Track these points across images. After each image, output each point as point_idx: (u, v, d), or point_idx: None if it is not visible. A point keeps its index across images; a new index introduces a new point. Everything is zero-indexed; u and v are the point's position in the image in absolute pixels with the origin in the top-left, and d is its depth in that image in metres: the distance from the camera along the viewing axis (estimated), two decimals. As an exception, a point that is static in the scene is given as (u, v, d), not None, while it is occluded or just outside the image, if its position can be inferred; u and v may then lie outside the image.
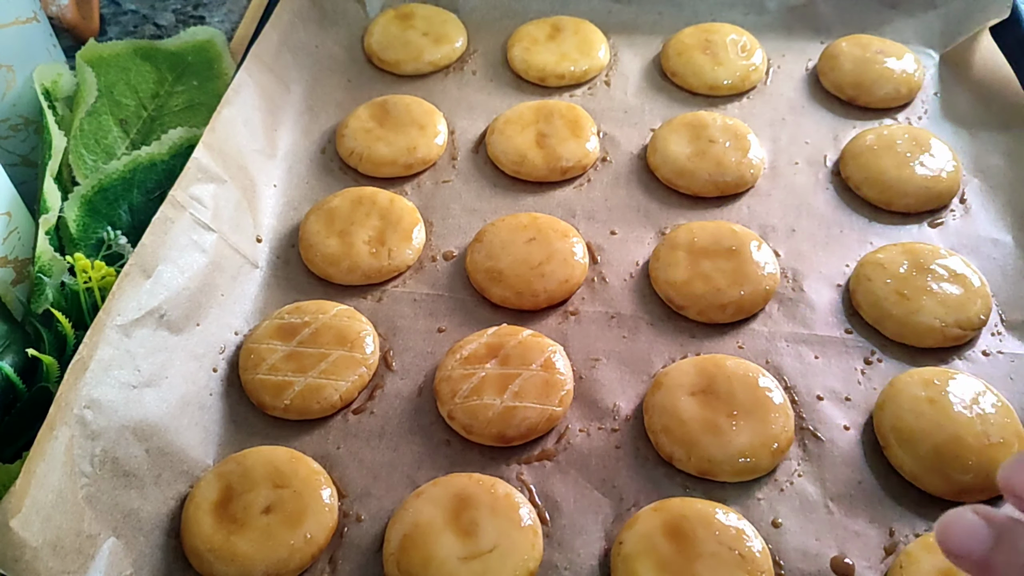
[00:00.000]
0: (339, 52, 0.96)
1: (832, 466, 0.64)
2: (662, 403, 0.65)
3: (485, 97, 0.93)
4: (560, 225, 0.77)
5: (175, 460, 0.63)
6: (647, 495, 0.62)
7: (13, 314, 0.70)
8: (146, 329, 0.63)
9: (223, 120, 0.78)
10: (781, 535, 0.60)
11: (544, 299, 0.73)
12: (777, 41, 0.97)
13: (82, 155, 0.81)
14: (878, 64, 0.90)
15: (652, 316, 0.73)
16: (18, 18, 0.83)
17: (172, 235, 0.68)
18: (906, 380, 0.66)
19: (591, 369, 0.70)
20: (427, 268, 0.78)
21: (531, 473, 0.64)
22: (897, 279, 0.71)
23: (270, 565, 0.58)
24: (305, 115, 0.90)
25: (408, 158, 0.84)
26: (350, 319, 0.71)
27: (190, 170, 0.72)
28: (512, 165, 0.84)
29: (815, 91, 0.92)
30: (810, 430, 0.66)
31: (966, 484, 0.60)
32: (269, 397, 0.67)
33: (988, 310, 0.70)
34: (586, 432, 0.66)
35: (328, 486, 0.62)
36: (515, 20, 0.99)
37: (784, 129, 0.88)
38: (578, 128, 0.86)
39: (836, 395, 0.68)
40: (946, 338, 0.69)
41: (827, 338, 0.71)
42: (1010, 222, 0.78)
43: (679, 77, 0.93)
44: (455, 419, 0.65)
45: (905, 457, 0.62)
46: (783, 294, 0.74)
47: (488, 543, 0.58)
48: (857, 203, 0.81)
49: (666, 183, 0.83)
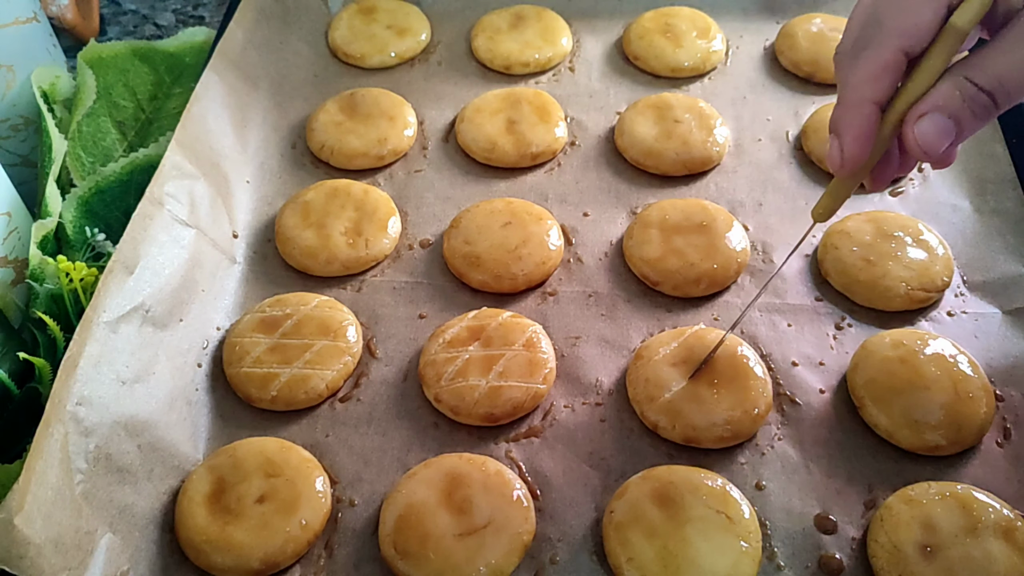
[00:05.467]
0: (304, 48, 0.96)
1: (810, 428, 0.66)
2: (644, 375, 0.66)
3: (452, 87, 0.94)
4: (534, 209, 0.79)
5: (166, 455, 0.63)
6: (634, 465, 0.64)
7: (10, 320, 0.70)
8: (132, 326, 0.64)
9: (193, 118, 0.78)
10: (765, 496, 0.62)
11: (522, 281, 0.74)
12: (735, 22, 0.99)
13: (80, 157, 0.80)
14: (833, 41, 0.92)
15: (628, 293, 0.75)
16: (18, 18, 0.82)
17: (151, 232, 0.68)
18: (877, 342, 0.68)
19: (572, 347, 0.71)
20: (404, 256, 0.79)
21: (519, 450, 0.65)
22: (863, 247, 0.74)
23: (267, 553, 0.59)
24: (274, 111, 0.90)
25: (379, 149, 0.85)
26: (331, 309, 0.72)
27: (165, 167, 0.72)
28: (483, 152, 0.85)
29: (773, 69, 0.94)
30: (787, 395, 0.68)
31: (939, 438, 0.63)
32: (255, 390, 0.67)
33: (950, 273, 0.73)
34: (571, 408, 0.68)
35: (320, 473, 0.63)
36: (477, 11, 1.00)
37: (746, 107, 0.90)
38: (546, 114, 0.87)
39: (810, 360, 0.70)
40: (912, 301, 0.71)
41: (799, 306, 0.73)
42: (967, 188, 0.81)
43: (641, 60, 0.94)
44: (442, 401, 0.66)
45: (880, 416, 0.64)
46: (754, 266, 0.76)
47: (482, 519, 0.59)
48: (820, 176, 0.83)
49: (635, 164, 0.84)
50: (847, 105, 0.52)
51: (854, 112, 0.51)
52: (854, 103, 0.51)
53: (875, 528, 0.59)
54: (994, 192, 0.79)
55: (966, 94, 0.48)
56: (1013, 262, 0.74)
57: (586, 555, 0.60)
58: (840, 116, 0.52)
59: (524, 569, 0.59)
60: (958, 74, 0.48)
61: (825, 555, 0.59)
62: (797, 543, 0.60)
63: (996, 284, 0.74)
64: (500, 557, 0.58)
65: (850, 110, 0.51)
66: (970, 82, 0.48)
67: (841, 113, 0.52)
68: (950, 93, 0.48)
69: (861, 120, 0.51)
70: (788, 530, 0.61)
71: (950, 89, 0.48)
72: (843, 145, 0.52)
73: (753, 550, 0.58)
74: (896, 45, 0.49)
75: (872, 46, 0.50)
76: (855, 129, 0.51)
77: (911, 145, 0.50)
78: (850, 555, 0.59)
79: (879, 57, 0.50)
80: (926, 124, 0.49)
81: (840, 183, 0.56)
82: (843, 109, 0.52)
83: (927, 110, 0.49)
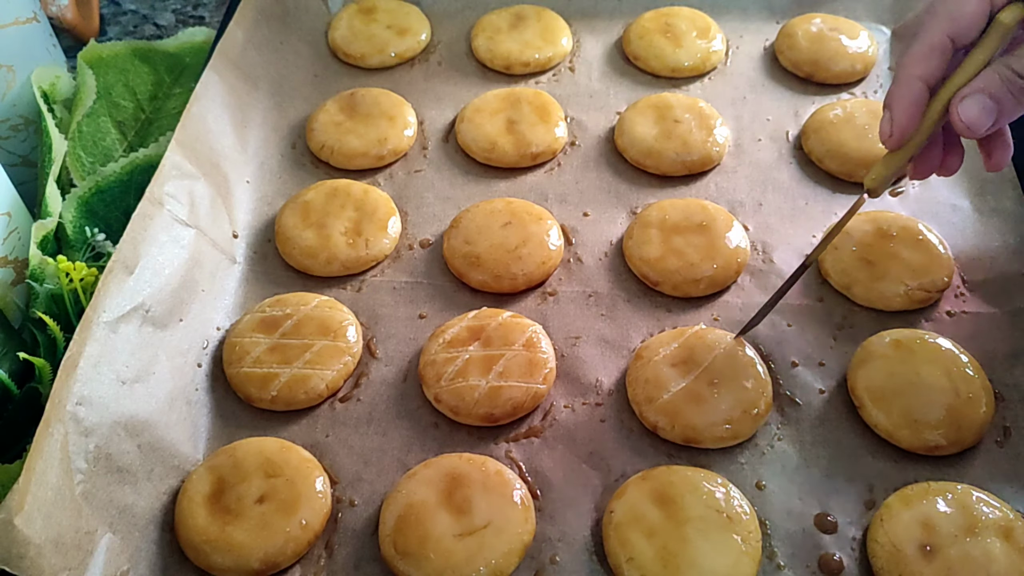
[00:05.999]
0: (304, 48, 0.96)
1: (810, 428, 0.66)
2: (644, 375, 0.66)
3: (452, 87, 0.94)
4: (534, 209, 0.79)
5: (166, 455, 0.63)
6: (634, 465, 0.64)
7: (10, 320, 0.70)
8: (131, 326, 0.64)
9: (193, 117, 0.78)
10: (765, 496, 0.62)
11: (522, 281, 0.74)
12: (734, 22, 0.99)
13: (80, 157, 0.81)
14: (833, 41, 0.92)
15: (628, 293, 0.75)
16: (18, 18, 0.83)
17: (151, 232, 0.68)
18: (877, 342, 0.68)
19: (572, 347, 0.71)
20: (404, 257, 0.79)
21: (519, 450, 0.65)
22: (863, 247, 0.74)
23: (267, 553, 0.59)
24: (274, 111, 0.90)
25: (379, 149, 0.85)
26: (331, 309, 0.72)
27: (165, 167, 0.72)
28: (483, 152, 0.85)
29: (773, 69, 0.94)
30: (787, 395, 0.68)
31: (938, 438, 0.63)
32: (255, 389, 0.67)
33: (950, 272, 0.73)
34: (571, 408, 0.68)
35: (320, 473, 0.63)
36: (477, 11, 1.00)
37: (746, 107, 0.90)
38: (546, 114, 0.87)
39: (810, 360, 0.70)
40: (912, 301, 0.71)
41: (799, 306, 0.73)
42: (967, 188, 0.81)
43: (641, 60, 0.94)
44: (442, 401, 0.66)
45: (880, 416, 0.64)
46: (754, 266, 0.76)
47: (482, 519, 0.59)
48: (820, 176, 0.83)
49: (634, 164, 0.84)
50: (898, 82, 0.58)
51: (904, 88, 0.58)
52: (904, 80, 0.58)
53: (875, 528, 0.59)
54: (994, 192, 0.79)
55: (1005, 78, 0.55)
56: (1013, 262, 0.74)
57: (586, 555, 0.60)
58: (892, 92, 0.59)
59: (524, 569, 0.59)
60: (1001, 63, 0.55)
61: (825, 555, 0.59)
62: (797, 543, 0.60)
63: (996, 284, 0.74)
64: (500, 557, 0.58)
65: (901, 86, 0.58)
66: (1010, 69, 0.55)
67: (893, 89, 0.59)
68: (991, 77, 0.55)
69: (910, 94, 0.57)
70: (788, 530, 0.61)
71: (991, 74, 0.55)
72: (893, 116, 0.58)
73: (753, 550, 0.58)
74: (943, 29, 0.56)
75: (924, 30, 0.57)
76: (904, 101, 0.57)
77: (956, 122, 0.56)
78: (850, 555, 0.59)
79: (928, 39, 0.57)
80: (969, 102, 0.55)
81: (891, 156, 0.60)
82: (895, 86, 0.59)
83: (970, 92, 0.55)
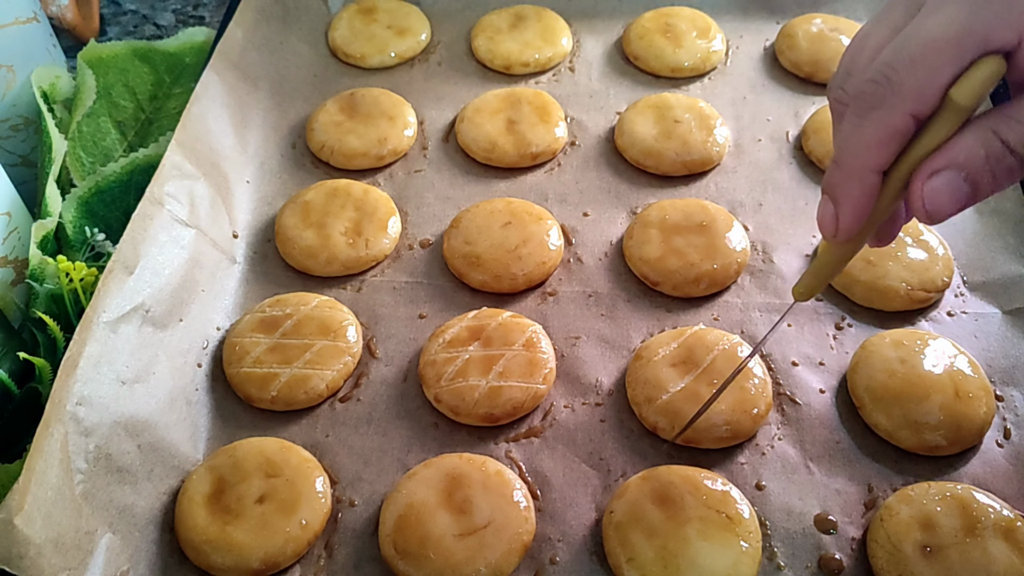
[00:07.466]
0: (304, 48, 0.96)
1: (810, 428, 0.66)
2: (644, 375, 0.66)
3: (452, 87, 0.94)
4: (534, 209, 0.79)
5: (166, 455, 0.63)
6: (634, 465, 0.64)
7: (10, 320, 0.70)
8: (131, 326, 0.64)
9: (193, 117, 0.78)
10: (765, 496, 0.62)
11: (522, 281, 0.74)
12: (734, 22, 0.99)
13: (80, 157, 0.80)
14: (833, 41, 0.92)
15: (628, 293, 0.75)
16: (18, 18, 0.82)
17: (151, 232, 0.68)
18: (877, 342, 0.68)
19: (572, 347, 0.71)
20: (404, 256, 0.79)
21: (519, 450, 0.65)
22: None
23: (267, 553, 0.59)
24: (274, 111, 0.90)
25: (379, 149, 0.85)
26: (331, 309, 0.72)
27: (165, 167, 0.72)
28: (483, 152, 0.85)
29: (773, 70, 0.94)
30: (787, 395, 0.68)
31: (938, 438, 0.63)
32: (255, 390, 0.67)
33: (951, 273, 0.73)
34: (571, 408, 0.68)
35: (320, 473, 0.63)
36: (477, 11, 1.00)
37: (746, 107, 0.90)
38: (546, 114, 0.87)
39: (810, 360, 0.70)
40: (912, 301, 0.71)
41: (799, 306, 0.73)
42: (967, 188, 0.80)
43: (641, 61, 0.94)
44: (442, 401, 0.66)
45: (880, 416, 0.64)
46: (754, 266, 0.76)
47: (482, 519, 0.59)
48: (820, 176, 0.83)
49: (634, 164, 0.84)
50: (847, 171, 0.46)
51: (855, 181, 0.46)
52: (855, 171, 0.46)
53: (875, 528, 0.59)
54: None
55: (992, 152, 0.42)
56: (1013, 262, 0.74)
57: (586, 555, 0.60)
58: (839, 182, 0.47)
59: (524, 569, 0.59)
60: (985, 127, 0.43)
61: (825, 555, 0.59)
62: (797, 543, 0.60)
63: (996, 284, 0.74)
64: (500, 557, 0.58)
65: (850, 178, 0.46)
66: (998, 138, 0.42)
67: (840, 179, 0.47)
68: (973, 149, 0.43)
69: (862, 190, 0.46)
70: (788, 530, 0.61)
71: (974, 144, 0.43)
72: (840, 212, 0.47)
73: (753, 550, 0.58)
74: (907, 108, 0.43)
75: (882, 108, 0.44)
76: (854, 200, 0.46)
77: (916, 205, 0.45)
78: (850, 555, 0.59)
79: (888, 120, 0.44)
80: (939, 183, 0.43)
81: (829, 252, 0.52)
82: (842, 175, 0.47)
83: (942, 166, 0.43)
